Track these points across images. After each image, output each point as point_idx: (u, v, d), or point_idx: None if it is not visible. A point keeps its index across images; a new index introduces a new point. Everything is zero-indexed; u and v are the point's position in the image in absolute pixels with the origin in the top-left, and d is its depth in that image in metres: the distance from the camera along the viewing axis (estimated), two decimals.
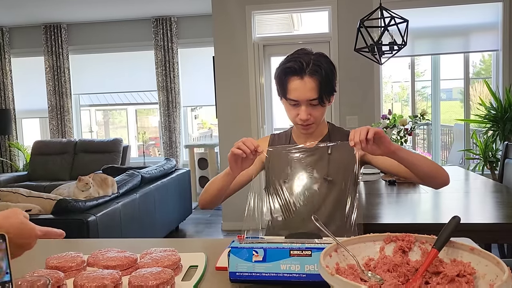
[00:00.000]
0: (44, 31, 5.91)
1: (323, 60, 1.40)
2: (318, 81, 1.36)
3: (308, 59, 1.38)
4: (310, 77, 1.37)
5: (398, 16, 2.82)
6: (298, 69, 1.37)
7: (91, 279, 0.92)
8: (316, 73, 1.36)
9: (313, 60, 1.38)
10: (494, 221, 1.83)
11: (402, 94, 8.81)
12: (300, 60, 1.37)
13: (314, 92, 1.37)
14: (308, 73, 1.37)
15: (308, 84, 1.37)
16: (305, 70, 1.37)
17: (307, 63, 1.37)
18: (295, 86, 1.38)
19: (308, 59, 1.38)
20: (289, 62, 1.40)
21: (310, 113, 1.41)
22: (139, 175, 3.52)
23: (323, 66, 1.38)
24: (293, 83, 1.39)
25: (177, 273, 1.04)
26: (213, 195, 1.43)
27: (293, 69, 1.38)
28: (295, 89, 1.39)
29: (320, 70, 1.37)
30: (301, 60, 1.38)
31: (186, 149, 5.89)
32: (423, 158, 1.32)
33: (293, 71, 1.38)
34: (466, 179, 2.81)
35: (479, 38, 4.41)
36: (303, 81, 1.37)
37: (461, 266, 0.81)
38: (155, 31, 5.72)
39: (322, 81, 1.37)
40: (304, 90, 1.37)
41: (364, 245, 0.93)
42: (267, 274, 0.95)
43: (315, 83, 1.36)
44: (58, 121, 6.04)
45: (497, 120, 4.08)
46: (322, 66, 1.37)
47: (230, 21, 4.34)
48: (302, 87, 1.37)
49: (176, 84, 5.75)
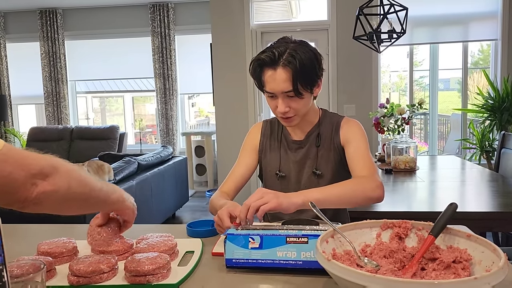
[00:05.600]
0: (40, 16, 5.83)
1: (300, 49, 1.31)
2: (292, 71, 1.29)
3: (283, 49, 1.30)
4: (283, 68, 1.29)
5: (397, 3, 2.80)
6: (269, 61, 1.31)
7: (87, 263, 0.91)
8: (289, 64, 1.29)
9: (289, 50, 1.30)
10: (490, 210, 1.84)
11: (400, 83, 8.80)
12: (273, 51, 1.30)
13: (288, 84, 1.30)
14: (281, 64, 1.29)
15: (281, 76, 1.29)
16: (277, 61, 1.30)
17: (280, 53, 1.29)
18: (269, 79, 1.32)
19: (284, 49, 1.31)
20: (263, 54, 1.34)
21: (288, 105, 1.35)
22: (136, 162, 3.52)
23: (298, 56, 1.29)
24: (267, 75, 1.32)
25: (173, 258, 1.03)
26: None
27: (265, 61, 1.32)
28: (269, 81, 1.32)
29: (294, 60, 1.29)
30: (275, 50, 1.31)
31: (183, 136, 5.88)
32: (347, 189, 1.25)
33: (265, 63, 1.32)
34: (463, 168, 2.82)
35: (478, 27, 4.39)
36: (275, 73, 1.30)
37: (458, 253, 0.81)
38: (152, 17, 5.66)
39: (296, 72, 1.29)
40: (277, 82, 1.30)
41: (360, 231, 0.93)
42: (263, 261, 0.95)
43: (288, 74, 1.29)
44: (54, 107, 6.00)
45: (494, 110, 4.08)
46: (296, 56, 1.29)
47: (228, 8, 4.30)
48: (275, 79, 1.31)
49: (173, 71, 5.71)
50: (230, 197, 1.44)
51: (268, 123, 1.58)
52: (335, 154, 1.46)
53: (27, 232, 1.37)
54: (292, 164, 1.49)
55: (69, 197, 0.81)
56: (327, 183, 1.44)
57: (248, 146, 1.56)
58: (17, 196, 0.71)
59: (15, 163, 0.71)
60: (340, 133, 1.46)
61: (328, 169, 1.45)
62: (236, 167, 1.52)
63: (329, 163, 1.46)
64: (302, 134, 1.49)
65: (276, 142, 1.52)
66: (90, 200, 0.90)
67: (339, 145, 1.45)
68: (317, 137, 1.47)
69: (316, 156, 1.46)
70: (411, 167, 2.68)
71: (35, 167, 0.73)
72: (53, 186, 0.75)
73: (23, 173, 0.71)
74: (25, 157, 0.73)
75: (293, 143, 1.50)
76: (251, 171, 1.54)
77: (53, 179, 0.76)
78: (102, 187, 0.93)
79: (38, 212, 0.76)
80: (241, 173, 1.50)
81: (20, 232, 1.36)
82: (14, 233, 1.34)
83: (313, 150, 1.47)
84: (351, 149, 1.41)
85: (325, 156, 1.46)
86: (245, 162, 1.53)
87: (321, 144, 1.47)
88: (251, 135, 1.58)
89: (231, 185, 1.48)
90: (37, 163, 0.74)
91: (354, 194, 1.25)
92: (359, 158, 1.39)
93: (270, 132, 1.55)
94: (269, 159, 1.52)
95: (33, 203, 0.73)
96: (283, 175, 1.49)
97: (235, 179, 1.49)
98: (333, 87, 4.19)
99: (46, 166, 0.75)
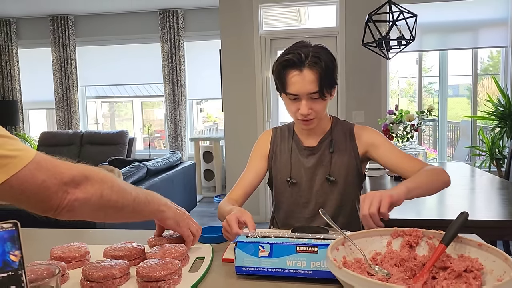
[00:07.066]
0: (51, 22, 5.92)
1: (322, 52, 1.35)
2: (318, 73, 1.31)
3: (307, 51, 1.33)
4: (309, 69, 1.31)
5: (406, 10, 2.80)
6: (297, 61, 1.32)
7: (99, 268, 0.93)
8: (315, 65, 1.31)
9: (312, 52, 1.32)
10: (500, 218, 1.83)
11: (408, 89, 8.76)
12: (299, 52, 1.32)
13: (315, 85, 1.32)
14: (307, 65, 1.31)
15: (308, 77, 1.32)
16: (304, 62, 1.31)
17: (306, 55, 1.32)
18: (294, 80, 1.33)
19: (307, 51, 1.33)
20: (287, 55, 1.34)
21: (311, 107, 1.36)
22: (145, 167, 3.54)
23: (323, 58, 1.33)
24: (292, 77, 1.33)
25: (184, 264, 1.04)
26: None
27: (291, 61, 1.33)
28: (294, 82, 1.33)
29: (320, 61, 1.32)
30: (300, 52, 1.32)
31: (191, 142, 5.90)
32: (428, 178, 1.28)
33: (291, 64, 1.33)
34: (472, 175, 2.80)
35: (488, 34, 4.36)
36: (302, 74, 1.32)
37: (469, 262, 0.81)
38: (161, 23, 5.71)
39: (322, 73, 1.32)
40: (304, 83, 1.32)
41: (371, 239, 0.94)
42: (273, 269, 0.95)
43: (315, 76, 1.32)
44: (65, 112, 6.07)
45: (504, 117, 4.05)
46: (321, 58, 1.32)
47: (237, 14, 4.33)
48: (301, 80, 1.32)
49: (182, 77, 5.75)
50: (238, 203, 1.44)
51: (278, 130, 1.58)
52: (350, 160, 1.46)
53: (40, 236, 1.39)
54: (304, 170, 1.49)
55: (103, 205, 0.83)
56: (340, 190, 1.46)
57: (257, 153, 1.56)
58: (50, 203, 0.74)
59: (48, 171, 0.73)
60: (359, 140, 1.47)
61: (341, 175, 1.46)
62: (245, 174, 1.52)
63: (343, 169, 1.46)
64: (314, 141, 1.50)
65: (286, 149, 1.52)
66: (125, 208, 0.91)
67: (356, 152, 1.46)
68: (331, 143, 1.48)
69: (329, 162, 1.46)
70: None
71: (67, 175, 0.76)
72: (85, 194, 0.78)
73: (56, 182, 0.74)
74: (57, 166, 0.76)
75: (305, 150, 1.50)
76: (260, 178, 1.54)
77: (84, 187, 0.78)
78: (138, 195, 0.94)
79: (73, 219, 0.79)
80: (250, 180, 1.50)
81: (33, 236, 1.38)
82: (26, 237, 1.35)
83: (327, 156, 1.47)
84: (383, 151, 1.43)
85: (339, 162, 1.46)
86: (254, 169, 1.53)
87: (335, 150, 1.47)
88: (261, 142, 1.58)
89: (240, 192, 1.48)
90: (69, 172, 0.77)
91: (435, 180, 1.29)
92: (402, 157, 1.42)
93: (281, 139, 1.55)
94: (280, 165, 1.52)
95: (66, 210, 0.76)
96: (294, 182, 1.49)
97: (243, 186, 1.49)
98: (342, 93, 4.19)
99: (78, 175, 0.78)
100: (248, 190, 1.49)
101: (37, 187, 0.71)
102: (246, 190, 1.49)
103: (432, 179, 1.29)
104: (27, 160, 0.70)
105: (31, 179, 0.70)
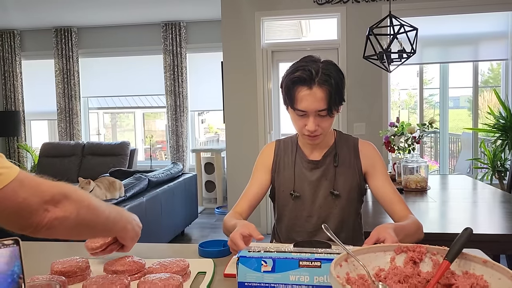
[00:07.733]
0: (55, 34, 5.97)
1: (332, 69, 1.33)
2: (328, 91, 1.30)
3: (317, 68, 1.31)
4: (319, 87, 1.30)
5: (407, 24, 2.82)
6: (307, 78, 1.30)
7: (100, 284, 0.92)
8: (326, 83, 1.30)
9: (322, 69, 1.31)
10: (503, 232, 1.81)
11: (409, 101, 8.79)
12: (309, 69, 1.30)
13: (324, 103, 1.31)
14: (317, 82, 1.30)
15: (317, 95, 1.30)
16: (314, 79, 1.30)
17: (316, 71, 1.30)
18: (303, 97, 1.31)
19: (317, 67, 1.31)
20: (298, 71, 1.32)
21: (318, 124, 1.35)
22: (146, 179, 3.53)
23: (333, 75, 1.31)
24: (302, 93, 1.31)
25: (185, 279, 1.03)
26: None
27: (302, 78, 1.30)
28: (303, 99, 1.32)
29: (330, 79, 1.30)
30: (310, 68, 1.30)
31: (192, 153, 5.90)
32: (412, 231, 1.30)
33: (302, 80, 1.31)
34: (474, 188, 2.79)
35: (488, 47, 4.38)
36: (312, 92, 1.30)
37: (474, 279, 0.80)
38: (164, 35, 5.76)
39: (332, 91, 1.31)
40: (313, 101, 1.31)
41: (374, 255, 0.93)
42: (276, 285, 0.94)
43: (325, 94, 1.30)
44: (67, 123, 6.08)
45: (506, 130, 4.05)
46: (332, 75, 1.31)
47: (239, 27, 4.36)
48: (311, 98, 1.30)
49: (184, 88, 5.77)
50: (243, 216, 1.43)
51: (281, 142, 1.58)
52: (354, 176, 1.46)
53: (40, 250, 1.38)
54: (307, 184, 1.48)
55: (79, 223, 0.84)
56: (343, 204, 1.45)
57: (261, 165, 1.55)
58: (30, 221, 0.74)
59: (30, 189, 0.74)
60: (362, 157, 1.48)
61: (345, 190, 1.45)
62: (249, 187, 1.52)
63: (347, 183, 1.46)
64: (319, 154, 1.49)
65: (290, 162, 1.52)
66: (98, 227, 0.93)
67: (359, 169, 1.47)
68: (335, 157, 1.47)
69: (334, 177, 1.46)
70: (422, 186, 2.66)
71: (48, 193, 0.76)
72: (64, 212, 0.79)
73: (37, 199, 0.74)
74: (39, 184, 0.76)
75: (309, 163, 1.49)
76: (265, 191, 1.53)
77: (63, 205, 0.79)
78: (110, 214, 0.95)
79: (50, 237, 0.80)
80: (254, 193, 1.50)
81: (33, 250, 1.37)
82: (27, 251, 1.35)
83: (331, 170, 1.47)
84: (380, 182, 1.45)
85: (343, 176, 1.46)
86: (258, 181, 1.52)
87: (339, 164, 1.47)
88: (264, 154, 1.57)
89: (245, 205, 1.47)
90: (50, 190, 0.77)
91: (415, 235, 1.30)
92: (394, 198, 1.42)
93: (284, 152, 1.55)
94: (283, 178, 1.51)
95: (46, 228, 0.77)
96: (298, 195, 1.48)
97: (248, 199, 1.49)
98: (343, 105, 4.20)
99: (58, 194, 0.78)
100: (252, 203, 1.49)
101: (18, 205, 0.72)
102: (251, 203, 1.48)
103: (414, 234, 1.31)
104: (10, 178, 0.71)
105: (13, 197, 0.71)
